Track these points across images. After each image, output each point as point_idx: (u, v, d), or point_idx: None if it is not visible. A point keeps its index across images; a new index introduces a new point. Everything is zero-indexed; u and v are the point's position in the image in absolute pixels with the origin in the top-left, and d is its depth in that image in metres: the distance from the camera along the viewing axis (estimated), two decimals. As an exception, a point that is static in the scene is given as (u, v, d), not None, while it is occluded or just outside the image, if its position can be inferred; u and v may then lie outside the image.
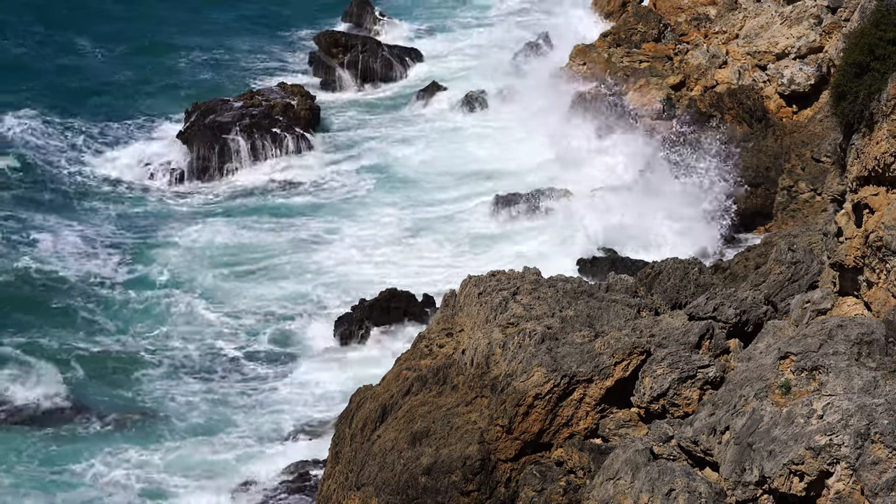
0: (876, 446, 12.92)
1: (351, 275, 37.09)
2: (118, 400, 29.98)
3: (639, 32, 48.29)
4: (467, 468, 18.08)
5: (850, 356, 14.07)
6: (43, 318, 33.66)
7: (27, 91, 52.33)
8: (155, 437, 28.27)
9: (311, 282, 36.56)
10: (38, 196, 42.45)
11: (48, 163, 45.43)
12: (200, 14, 67.38)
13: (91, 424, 28.82)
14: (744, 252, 28.75)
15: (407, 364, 21.79)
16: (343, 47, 58.26)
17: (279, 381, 31.05)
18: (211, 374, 31.35)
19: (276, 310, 34.83)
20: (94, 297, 35.21)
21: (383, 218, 41.63)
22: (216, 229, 40.27)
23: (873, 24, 16.24)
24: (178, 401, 29.99)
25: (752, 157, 38.50)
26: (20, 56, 57.84)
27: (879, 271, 15.98)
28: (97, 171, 45.57)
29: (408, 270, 37.33)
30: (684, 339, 18.03)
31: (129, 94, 54.15)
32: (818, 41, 41.27)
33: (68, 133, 48.67)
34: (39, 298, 34.82)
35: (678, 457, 15.32)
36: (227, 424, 28.86)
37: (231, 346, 32.75)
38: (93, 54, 59.65)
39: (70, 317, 33.84)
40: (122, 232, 40.08)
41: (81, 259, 37.63)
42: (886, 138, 15.58)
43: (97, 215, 41.46)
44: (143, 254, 38.23)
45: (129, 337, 33.12)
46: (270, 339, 33.15)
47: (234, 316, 34.40)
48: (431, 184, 44.88)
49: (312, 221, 41.64)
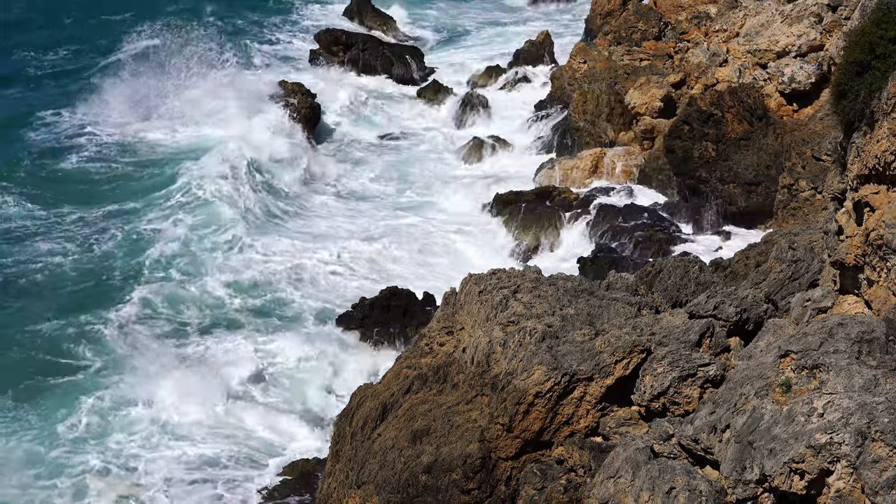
0: (876, 444, 12.92)
1: (351, 273, 37.12)
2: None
3: (639, 31, 48.32)
4: (468, 466, 18.08)
5: (851, 354, 14.07)
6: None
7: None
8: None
9: (312, 281, 36.56)
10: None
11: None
12: (201, 13, 67.45)
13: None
14: (744, 250, 28.73)
15: (407, 362, 21.80)
16: (344, 45, 58.30)
17: (278, 381, 31.05)
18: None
19: (274, 304, 34.89)
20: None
21: (384, 220, 41.69)
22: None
23: (874, 23, 16.24)
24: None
25: (752, 155, 38.54)
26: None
27: (880, 269, 15.98)
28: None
29: (407, 270, 37.37)
30: (685, 338, 18.03)
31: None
32: (819, 39, 41.27)
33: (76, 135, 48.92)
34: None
35: (679, 455, 15.32)
36: (227, 423, 28.89)
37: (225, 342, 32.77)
38: (93, 53, 59.71)
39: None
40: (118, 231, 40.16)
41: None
42: (887, 136, 15.57)
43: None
44: (141, 246, 38.30)
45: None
46: (268, 336, 33.17)
47: (235, 308, 34.53)
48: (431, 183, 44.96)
49: (313, 220, 41.67)
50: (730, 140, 38.87)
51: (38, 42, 61.88)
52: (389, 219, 41.73)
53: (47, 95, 53.41)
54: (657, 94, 42.45)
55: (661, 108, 42.37)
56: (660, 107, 42.34)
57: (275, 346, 32.22)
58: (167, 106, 50.51)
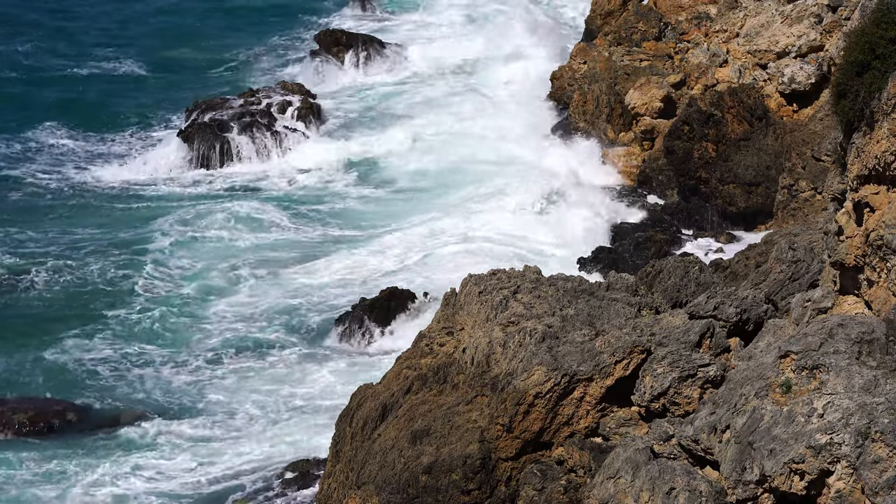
0: (876, 445, 12.92)
1: (351, 274, 37.09)
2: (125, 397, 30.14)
3: (639, 31, 48.28)
4: (468, 467, 18.08)
5: (851, 355, 14.06)
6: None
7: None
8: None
9: (312, 280, 36.57)
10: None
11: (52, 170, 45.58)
12: (200, 12, 67.47)
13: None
14: (744, 251, 28.73)
15: (407, 363, 21.78)
16: (344, 45, 58.28)
17: (279, 379, 31.07)
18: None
19: (274, 306, 34.89)
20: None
21: (383, 217, 41.65)
22: (217, 227, 40.28)
23: (874, 23, 16.22)
24: (174, 393, 30.11)
25: (752, 155, 38.54)
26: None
27: (880, 270, 15.96)
28: (96, 172, 45.69)
29: (409, 268, 37.33)
30: (685, 338, 18.02)
31: (129, 92, 54.21)
32: (819, 40, 41.25)
33: (73, 137, 48.84)
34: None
35: (679, 455, 15.31)
36: (227, 422, 28.90)
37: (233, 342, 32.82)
38: (93, 53, 59.72)
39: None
40: (122, 232, 40.11)
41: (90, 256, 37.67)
42: (887, 137, 15.56)
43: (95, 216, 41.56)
44: (144, 252, 38.23)
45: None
46: (271, 335, 33.18)
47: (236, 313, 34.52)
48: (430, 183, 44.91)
49: (312, 218, 41.66)
50: (730, 140, 38.86)
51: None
52: (388, 217, 41.78)
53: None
54: (657, 94, 42.42)
55: (661, 109, 42.34)
56: (660, 107, 42.32)
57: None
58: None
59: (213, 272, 36.85)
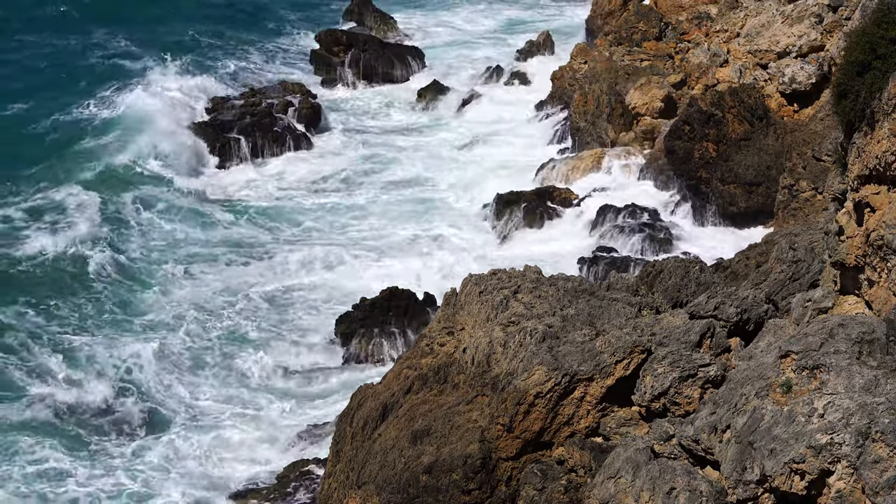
0: (877, 445, 12.92)
1: (351, 272, 37.13)
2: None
3: (640, 31, 48.31)
4: (468, 467, 18.08)
5: (851, 355, 14.06)
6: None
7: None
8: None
9: (313, 279, 36.61)
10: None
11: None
12: (201, 12, 67.49)
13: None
14: (745, 251, 28.72)
15: (408, 363, 21.79)
16: (345, 46, 58.31)
17: (280, 380, 31.08)
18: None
19: (274, 305, 34.92)
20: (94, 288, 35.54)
21: (383, 217, 41.70)
22: (217, 226, 40.33)
23: (874, 23, 16.23)
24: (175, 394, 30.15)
25: (753, 155, 38.54)
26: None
27: (880, 270, 15.97)
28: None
29: (409, 269, 37.36)
30: (685, 338, 18.02)
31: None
32: (819, 40, 41.24)
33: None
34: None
35: (679, 455, 15.32)
36: (226, 421, 28.90)
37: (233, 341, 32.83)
38: (92, 53, 59.73)
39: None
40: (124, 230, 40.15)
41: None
42: (887, 137, 15.56)
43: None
44: (144, 249, 38.25)
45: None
46: (269, 333, 33.20)
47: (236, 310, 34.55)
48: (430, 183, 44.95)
49: (313, 219, 41.70)
50: (730, 140, 38.84)
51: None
52: (389, 217, 41.83)
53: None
54: (658, 94, 42.43)
55: (662, 109, 42.35)
56: (660, 107, 42.33)
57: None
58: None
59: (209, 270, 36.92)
